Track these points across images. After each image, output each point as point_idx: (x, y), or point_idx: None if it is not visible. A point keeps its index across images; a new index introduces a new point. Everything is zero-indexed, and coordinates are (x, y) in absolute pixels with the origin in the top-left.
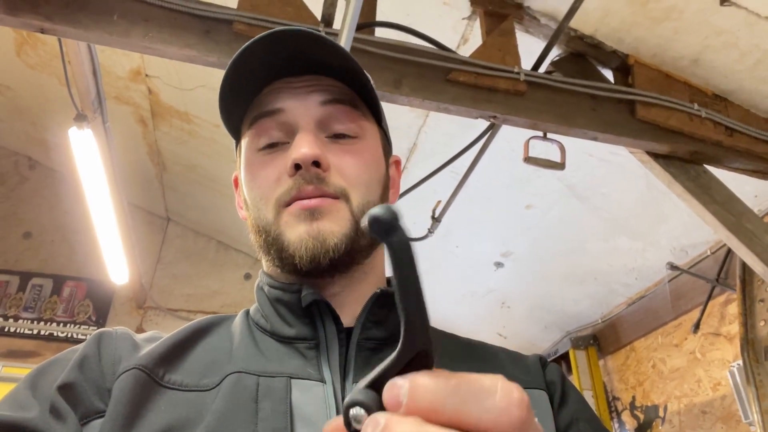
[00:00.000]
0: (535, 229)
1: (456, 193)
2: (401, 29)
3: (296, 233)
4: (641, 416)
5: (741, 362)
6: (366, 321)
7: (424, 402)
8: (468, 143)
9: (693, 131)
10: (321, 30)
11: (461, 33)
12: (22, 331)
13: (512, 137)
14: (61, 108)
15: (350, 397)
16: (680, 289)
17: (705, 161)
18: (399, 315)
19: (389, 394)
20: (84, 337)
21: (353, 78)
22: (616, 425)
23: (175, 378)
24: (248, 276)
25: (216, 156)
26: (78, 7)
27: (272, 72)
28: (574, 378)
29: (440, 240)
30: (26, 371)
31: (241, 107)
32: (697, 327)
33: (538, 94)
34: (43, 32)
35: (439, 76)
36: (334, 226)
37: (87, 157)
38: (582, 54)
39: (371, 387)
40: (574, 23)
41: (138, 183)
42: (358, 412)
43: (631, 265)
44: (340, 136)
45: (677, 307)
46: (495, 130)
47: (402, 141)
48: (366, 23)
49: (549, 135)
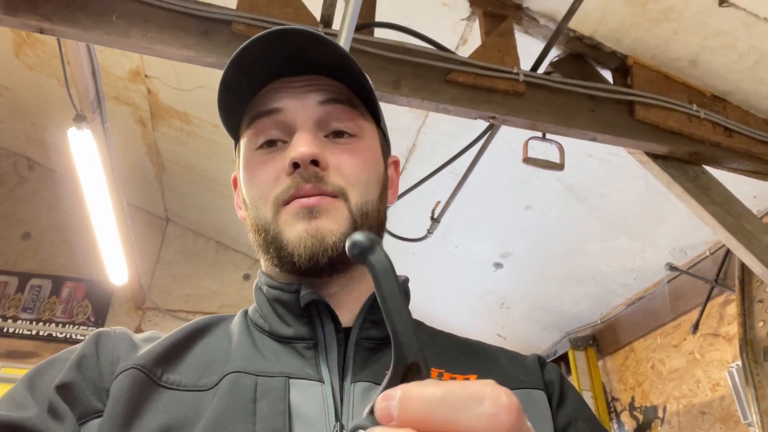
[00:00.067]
0: (535, 230)
1: (455, 194)
2: (400, 30)
3: (295, 232)
4: (640, 417)
5: (740, 363)
6: (364, 321)
7: (415, 413)
8: (467, 144)
9: (692, 132)
10: (320, 30)
11: (460, 34)
12: (21, 332)
13: (511, 138)
14: (61, 108)
15: (354, 424)
16: (679, 290)
17: (704, 162)
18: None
19: (381, 408)
20: (83, 338)
21: (352, 78)
22: (616, 426)
23: (174, 378)
24: (247, 276)
25: (215, 156)
26: (77, 8)
27: (271, 71)
28: (573, 378)
29: (439, 241)
30: (25, 372)
31: (240, 107)
32: (696, 328)
33: (537, 95)
34: (42, 32)
35: (438, 77)
36: (333, 225)
37: (86, 158)
38: (581, 55)
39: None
40: (573, 24)
41: (137, 183)
42: None
43: (630, 266)
44: (339, 135)
45: (676, 308)
46: (494, 131)
47: (401, 141)
48: (365, 24)
49: (548, 136)
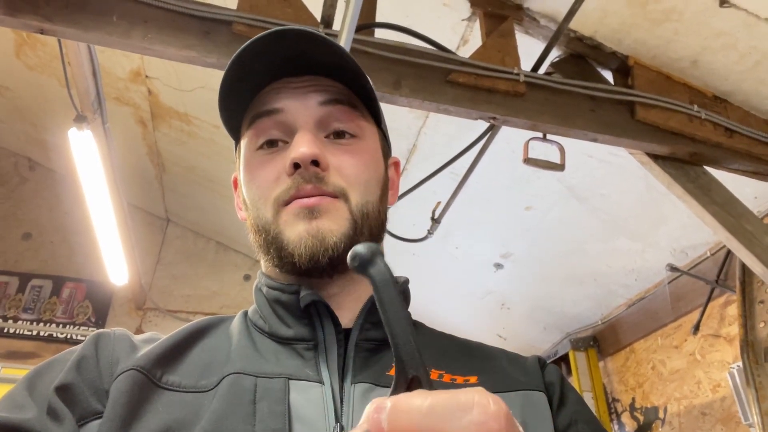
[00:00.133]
0: (535, 231)
1: (456, 195)
2: (401, 30)
3: (295, 232)
4: (641, 418)
5: (741, 364)
6: (365, 322)
7: (404, 424)
8: (468, 144)
9: (693, 132)
10: (321, 31)
11: (461, 34)
12: (22, 332)
13: (512, 138)
14: (61, 109)
15: None
16: (680, 291)
17: (705, 162)
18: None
19: (372, 420)
20: (83, 338)
21: (352, 78)
22: (616, 427)
23: (173, 379)
24: (248, 277)
25: (216, 157)
26: (78, 8)
27: (271, 72)
28: (574, 379)
29: (440, 241)
30: (25, 372)
31: (241, 107)
32: (697, 328)
33: (538, 96)
34: (43, 33)
35: (439, 77)
36: (333, 225)
37: (87, 158)
38: (581, 55)
39: None
40: (574, 24)
41: (138, 184)
42: None
43: (631, 267)
44: (340, 136)
45: (677, 309)
46: (495, 132)
47: (401, 142)
48: (365, 24)
49: (549, 136)
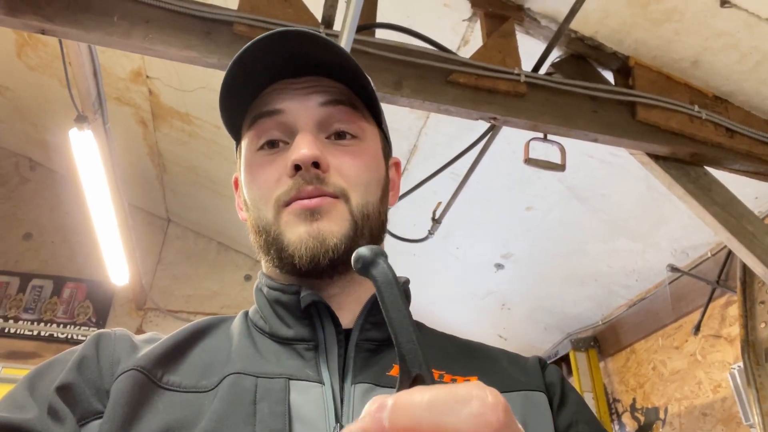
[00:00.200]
0: (536, 231)
1: (456, 195)
2: (401, 30)
3: (296, 233)
4: (642, 418)
5: (741, 364)
6: (365, 322)
7: (404, 421)
8: (468, 145)
9: (693, 133)
10: (321, 31)
11: (461, 34)
12: (22, 333)
13: (513, 139)
14: (62, 109)
15: None
16: (681, 291)
17: (705, 163)
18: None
19: (374, 419)
20: (84, 339)
21: (353, 79)
22: (617, 427)
23: (174, 379)
24: (248, 277)
25: (216, 157)
26: (79, 9)
27: (272, 73)
28: (575, 380)
29: (440, 241)
30: (26, 372)
31: (242, 108)
32: (698, 329)
33: (539, 96)
34: (44, 33)
35: (440, 78)
36: (334, 227)
37: (87, 159)
38: (582, 55)
39: None
40: (575, 25)
41: (138, 184)
42: None
43: (632, 267)
44: (340, 137)
45: (678, 309)
46: (495, 132)
47: (402, 142)
48: (366, 24)
49: (549, 136)
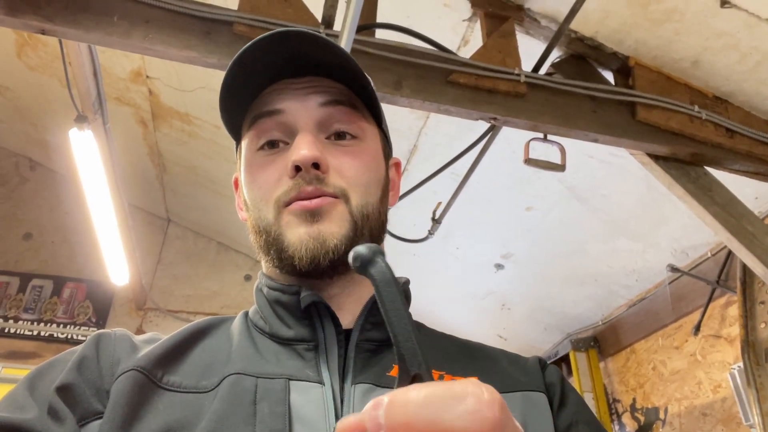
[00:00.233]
0: (536, 231)
1: (456, 195)
2: (401, 31)
3: (296, 234)
4: (642, 418)
5: (741, 364)
6: (365, 323)
7: (400, 418)
8: (468, 145)
9: (693, 133)
10: (321, 31)
11: (461, 35)
12: (22, 333)
13: (513, 139)
14: (62, 109)
15: None
16: (681, 291)
17: (705, 163)
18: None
19: (371, 417)
20: (84, 339)
21: (353, 79)
22: (617, 427)
23: (174, 379)
24: (248, 277)
25: (216, 157)
26: (79, 9)
27: (272, 73)
28: (575, 380)
29: (440, 242)
30: (26, 372)
31: (242, 108)
32: (698, 329)
33: (539, 96)
34: (44, 33)
35: (440, 78)
36: (334, 227)
37: (87, 159)
38: (582, 56)
39: None
40: (575, 25)
41: (138, 184)
42: None
43: (632, 267)
44: (340, 137)
45: (678, 309)
46: (495, 132)
47: (402, 143)
48: (366, 25)
49: (549, 137)
